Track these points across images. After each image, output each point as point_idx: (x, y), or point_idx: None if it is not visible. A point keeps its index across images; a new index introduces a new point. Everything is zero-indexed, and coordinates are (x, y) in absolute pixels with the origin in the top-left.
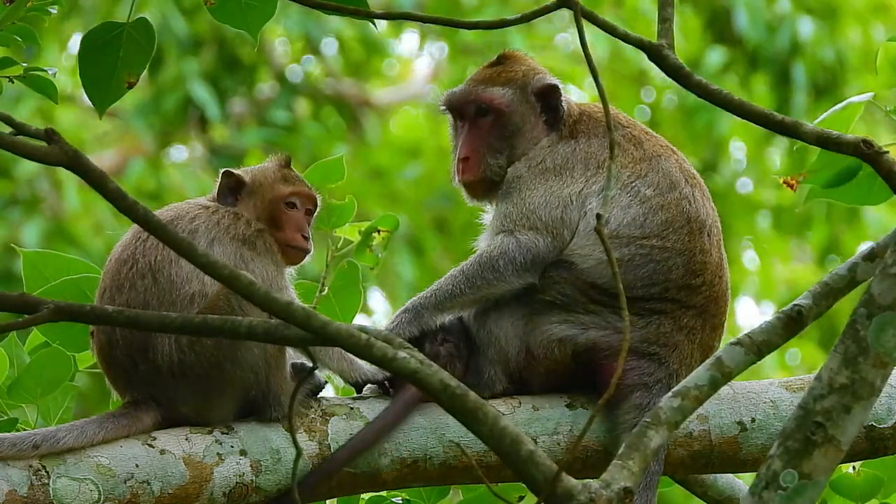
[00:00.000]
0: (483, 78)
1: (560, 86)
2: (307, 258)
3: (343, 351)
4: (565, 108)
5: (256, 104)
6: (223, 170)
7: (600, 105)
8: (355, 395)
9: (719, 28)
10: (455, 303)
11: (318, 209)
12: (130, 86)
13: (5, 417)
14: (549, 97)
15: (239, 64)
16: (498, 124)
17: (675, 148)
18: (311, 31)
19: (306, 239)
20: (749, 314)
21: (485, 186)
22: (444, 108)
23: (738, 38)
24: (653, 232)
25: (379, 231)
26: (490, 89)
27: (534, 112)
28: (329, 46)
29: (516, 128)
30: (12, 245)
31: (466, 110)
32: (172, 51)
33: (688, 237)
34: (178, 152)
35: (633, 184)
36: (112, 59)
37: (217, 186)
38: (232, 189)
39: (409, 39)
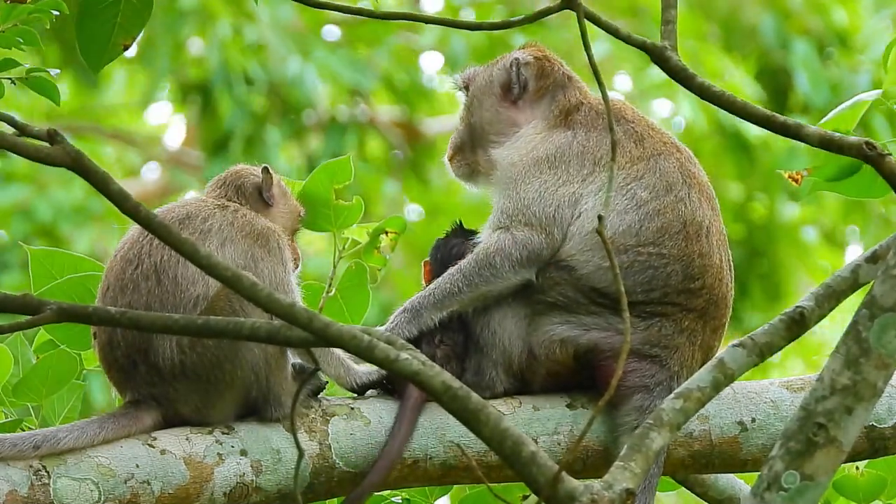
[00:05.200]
0: None
1: (523, 60)
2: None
3: (341, 357)
4: (524, 79)
5: (304, 147)
6: (263, 165)
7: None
8: (356, 396)
9: (779, 89)
10: (454, 301)
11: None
12: (126, 48)
13: (12, 418)
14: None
15: (288, 108)
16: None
17: (679, 145)
18: (360, 81)
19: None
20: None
21: (453, 158)
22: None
23: (800, 100)
24: (648, 239)
25: (387, 232)
26: (474, 68)
27: (491, 81)
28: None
29: (474, 96)
30: (20, 243)
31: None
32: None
33: (684, 242)
34: None
35: (629, 186)
36: (110, 24)
37: (248, 184)
38: (268, 187)
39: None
